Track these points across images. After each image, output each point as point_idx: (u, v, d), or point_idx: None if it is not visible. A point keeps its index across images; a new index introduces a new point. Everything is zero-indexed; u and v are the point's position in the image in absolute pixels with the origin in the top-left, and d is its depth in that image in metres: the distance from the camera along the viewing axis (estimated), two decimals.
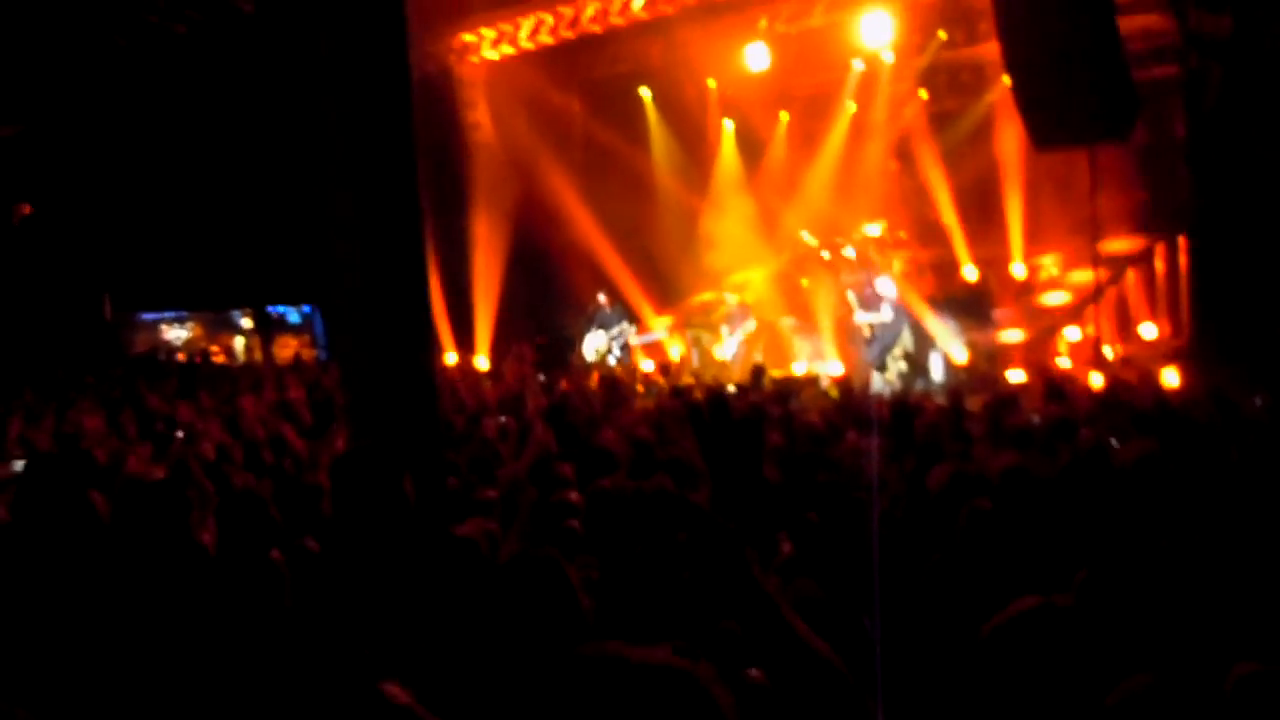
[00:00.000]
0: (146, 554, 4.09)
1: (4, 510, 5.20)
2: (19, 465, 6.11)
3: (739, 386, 10.84)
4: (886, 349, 13.01)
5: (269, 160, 14.85)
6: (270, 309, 19.97)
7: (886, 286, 13.27)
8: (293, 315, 20.32)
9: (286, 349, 19.53)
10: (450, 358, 16.35)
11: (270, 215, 15.32)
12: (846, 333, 14.56)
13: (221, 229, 16.27)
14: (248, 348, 20.57)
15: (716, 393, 8.26)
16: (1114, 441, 7.03)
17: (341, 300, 4.66)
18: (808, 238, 16.19)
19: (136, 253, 16.81)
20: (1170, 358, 11.88)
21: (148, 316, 20.42)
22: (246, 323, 20.84)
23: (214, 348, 20.04)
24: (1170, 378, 10.93)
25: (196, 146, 15.93)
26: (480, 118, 16.98)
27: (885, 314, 12.94)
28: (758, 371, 11.32)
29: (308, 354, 18.50)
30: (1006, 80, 10.62)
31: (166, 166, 16.16)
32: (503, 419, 9.16)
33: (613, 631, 4.10)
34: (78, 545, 4.26)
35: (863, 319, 13.34)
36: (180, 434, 8.77)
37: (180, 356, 19.36)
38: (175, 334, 21.11)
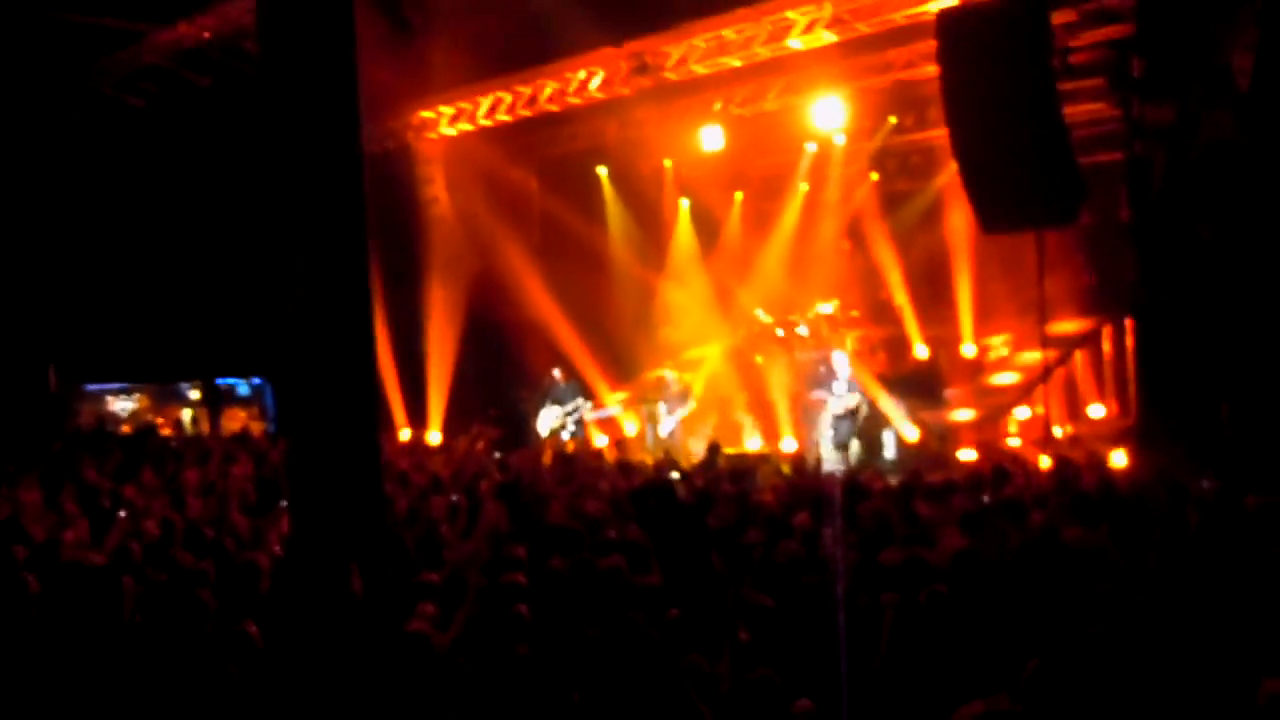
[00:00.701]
0: (77, 638, 3.94)
1: None
2: None
3: (692, 467, 10.78)
4: (851, 428, 13.00)
5: (219, 232, 14.77)
6: (219, 381, 19.68)
7: (841, 363, 13.33)
8: (242, 387, 20.04)
9: (235, 421, 19.21)
10: (403, 433, 16.18)
11: (220, 287, 15.18)
12: (801, 410, 14.60)
13: (170, 300, 16.08)
14: (195, 420, 20.22)
15: (660, 480, 8.22)
16: (1064, 524, 7.06)
17: (289, 376, 4.58)
18: (762, 315, 16.32)
19: (83, 324, 16.55)
20: (1118, 438, 12.01)
21: (93, 388, 20.04)
22: (194, 394, 20.51)
23: (160, 420, 19.67)
24: (1118, 458, 11.04)
25: (147, 218, 15.81)
26: (438, 193, 17.04)
27: (848, 392, 12.96)
28: (713, 449, 11.29)
29: (256, 427, 18.21)
30: (956, 165, 10.82)
31: (115, 237, 16.01)
32: (454, 497, 9.02)
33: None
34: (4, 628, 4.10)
35: (831, 397, 13.30)
36: (122, 512, 8.54)
37: (126, 429, 18.98)
38: (121, 405, 20.72)
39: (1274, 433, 9.50)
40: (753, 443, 14.74)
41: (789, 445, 14.10)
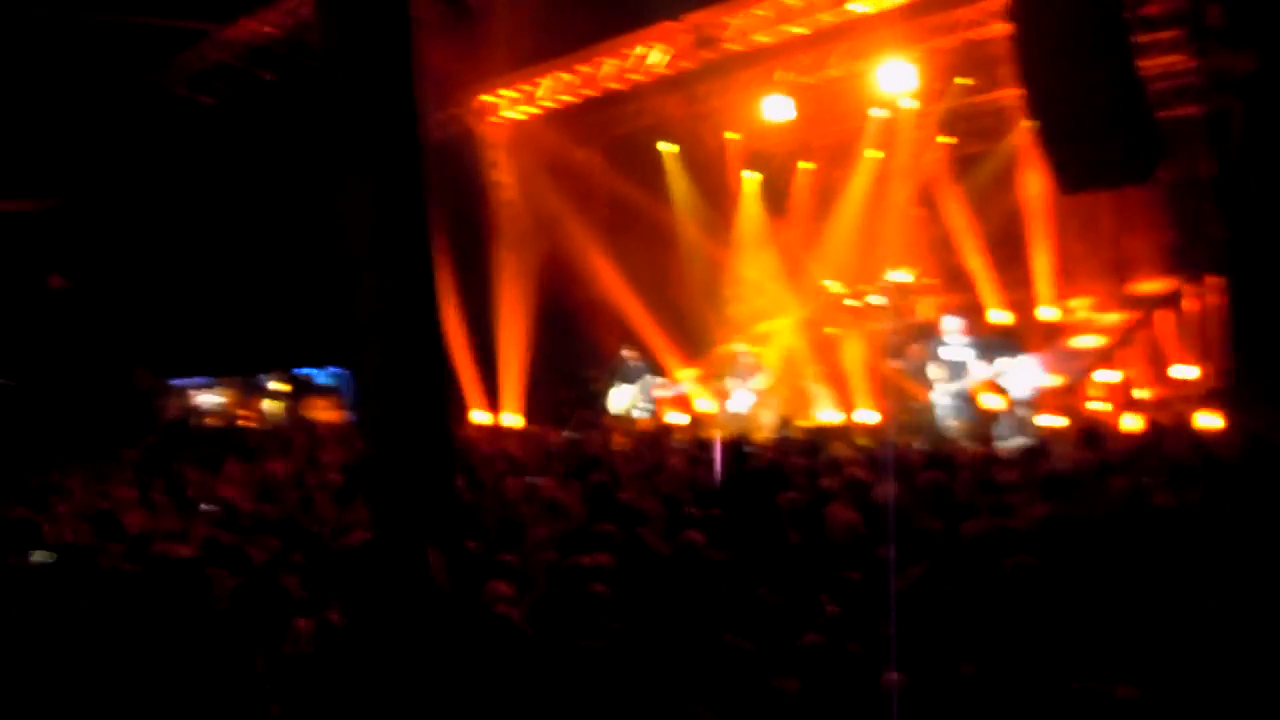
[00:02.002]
0: (168, 629, 4.05)
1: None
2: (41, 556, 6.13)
3: (765, 441, 10.72)
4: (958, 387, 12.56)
5: (293, 225, 15.02)
6: (299, 372, 20.09)
7: (952, 323, 12.92)
8: (321, 377, 20.42)
9: (316, 411, 19.60)
10: (479, 415, 16.35)
11: (297, 280, 15.45)
12: (879, 380, 14.42)
13: (250, 295, 16.43)
14: (283, 410, 20.66)
15: (734, 442, 8.18)
16: (1152, 488, 6.89)
17: (361, 366, 4.65)
18: (833, 286, 16.14)
19: (167, 321, 17.00)
20: (1203, 400, 11.67)
21: (179, 383, 20.59)
22: (276, 386, 20.95)
23: (244, 412, 20.15)
24: (1205, 420, 10.73)
25: (224, 215, 16.15)
26: (503, 177, 17.12)
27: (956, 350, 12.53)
28: (782, 423, 11.20)
29: (336, 416, 18.56)
30: (1029, 124, 10.56)
31: (195, 236, 16.38)
32: (530, 479, 9.09)
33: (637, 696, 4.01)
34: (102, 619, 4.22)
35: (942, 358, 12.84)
36: (207, 506, 8.76)
37: (211, 421, 19.49)
38: (206, 399, 21.25)
39: None
40: (827, 415, 14.61)
41: (865, 417, 13.94)
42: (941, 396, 12.33)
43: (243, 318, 16.71)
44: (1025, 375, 12.79)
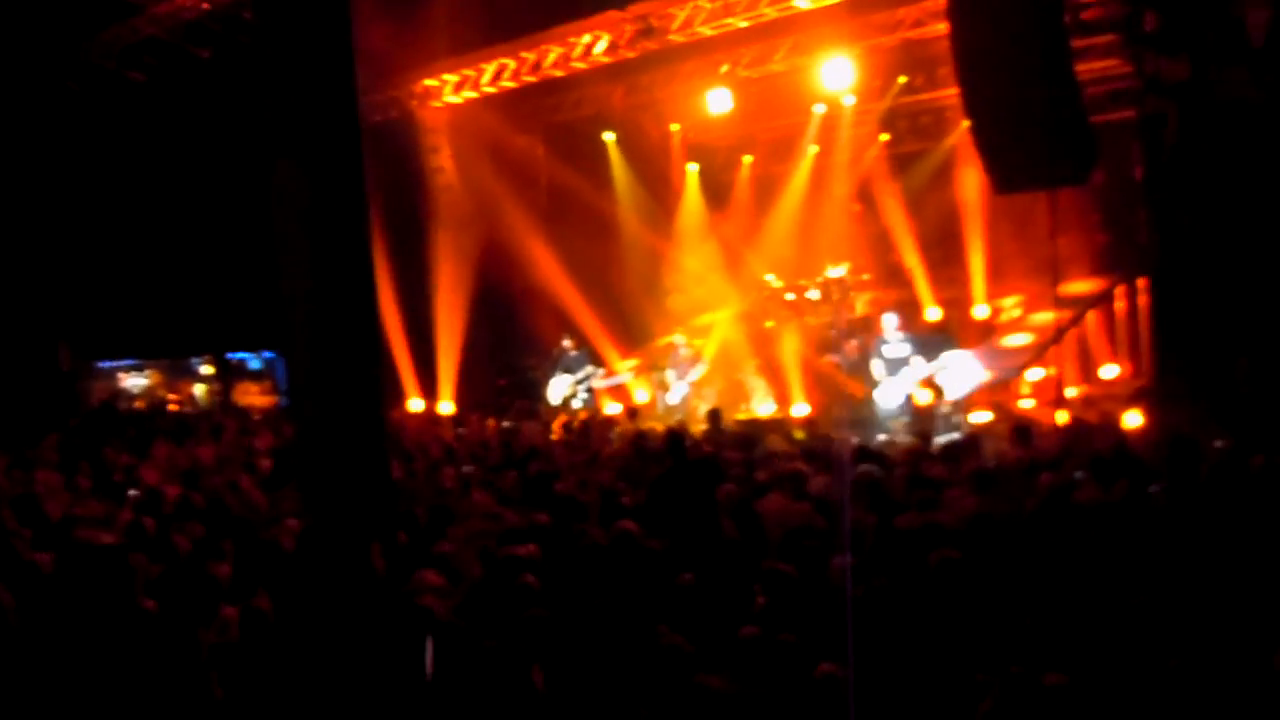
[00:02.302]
0: (89, 616, 3.95)
1: None
2: None
3: (700, 433, 10.74)
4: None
5: (226, 206, 14.72)
6: (230, 356, 19.71)
7: (891, 320, 12.95)
8: (253, 362, 20.06)
9: (247, 396, 19.25)
10: (414, 403, 16.19)
11: (229, 261, 15.15)
12: (813, 375, 14.54)
13: (180, 275, 16.07)
14: (208, 395, 20.26)
15: (675, 432, 8.19)
16: (1076, 484, 7.02)
17: (294, 350, 4.56)
18: (772, 280, 16.24)
19: (93, 301, 16.56)
20: (1132, 399, 11.94)
21: (105, 365, 20.09)
22: (206, 370, 20.54)
23: (172, 396, 19.73)
24: (1132, 419, 10.97)
25: (154, 194, 15.76)
26: (443, 162, 16.94)
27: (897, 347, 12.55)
28: (714, 415, 11.23)
29: (267, 401, 18.26)
30: (966, 124, 10.69)
31: (122, 213, 15.97)
32: (466, 468, 9.02)
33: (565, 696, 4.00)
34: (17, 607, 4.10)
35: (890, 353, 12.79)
36: (133, 491, 8.56)
37: (139, 405, 19.03)
38: (133, 382, 20.77)
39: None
40: (764, 408, 14.70)
41: (800, 410, 14.05)
42: (882, 392, 12.44)
43: (171, 299, 16.33)
44: (962, 372, 12.98)
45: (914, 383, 12.13)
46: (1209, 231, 10.29)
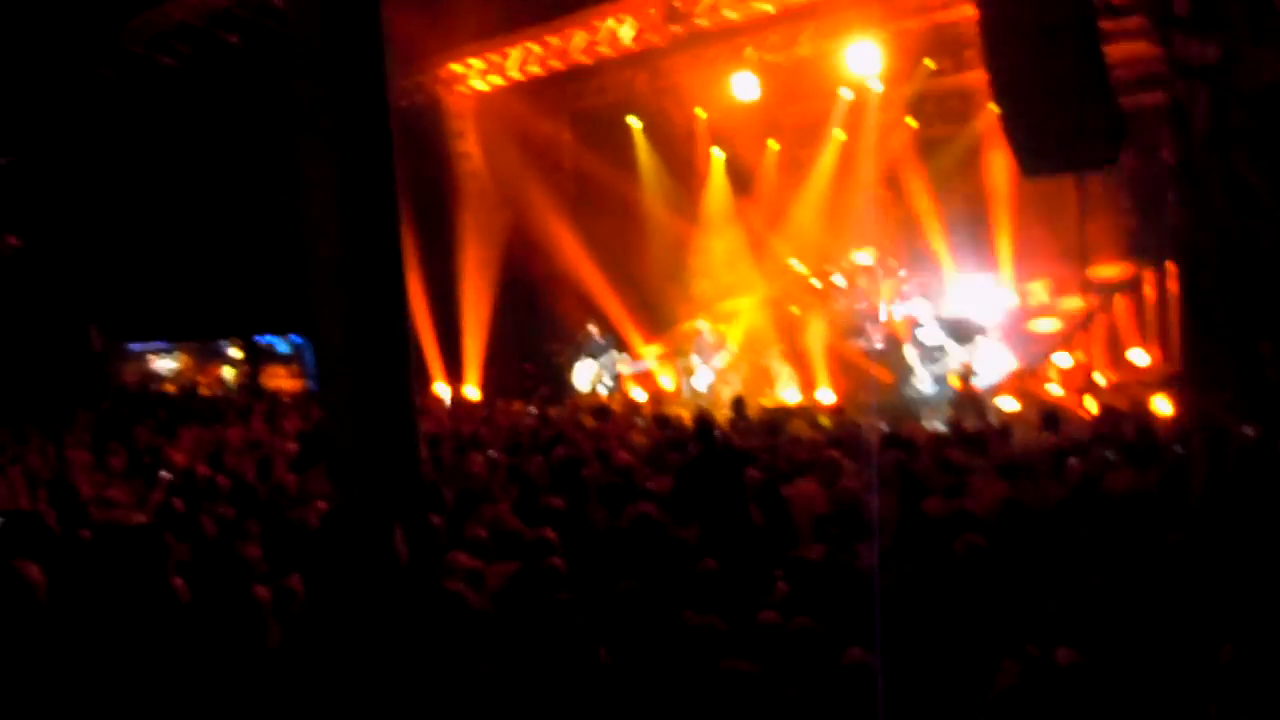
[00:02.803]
0: (122, 599, 3.99)
1: None
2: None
3: (725, 420, 10.73)
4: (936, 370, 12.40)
5: (256, 190, 14.81)
6: (259, 339, 19.87)
7: (928, 306, 12.82)
8: (281, 345, 20.22)
9: (276, 379, 19.42)
10: (440, 387, 16.28)
11: (259, 245, 15.26)
12: (839, 362, 14.51)
13: (209, 259, 16.21)
14: (237, 378, 20.45)
15: (704, 419, 8.20)
16: (1106, 471, 6.99)
17: (323, 334, 4.59)
18: (797, 266, 16.19)
19: (124, 284, 16.74)
20: (1161, 385, 11.85)
21: (135, 347, 20.30)
22: (235, 353, 20.73)
23: (201, 379, 19.93)
24: (1161, 405, 10.90)
25: (185, 178, 15.90)
26: (469, 148, 16.98)
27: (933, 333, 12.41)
28: (738, 403, 11.22)
29: (295, 384, 18.40)
30: (994, 108, 10.61)
31: (154, 198, 16.12)
32: (492, 453, 9.07)
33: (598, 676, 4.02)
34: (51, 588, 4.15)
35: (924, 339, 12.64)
36: (165, 474, 8.66)
37: (169, 387, 19.25)
38: (163, 364, 20.99)
39: None
40: (790, 394, 14.68)
41: (826, 396, 14.03)
42: (916, 378, 12.34)
43: (201, 282, 16.48)
44: (995, 359, 12.93)
45: (950, 369, 12.03)
46: (1239, 216, 10.17)
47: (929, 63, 15.21)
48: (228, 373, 20.89)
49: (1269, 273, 10.00)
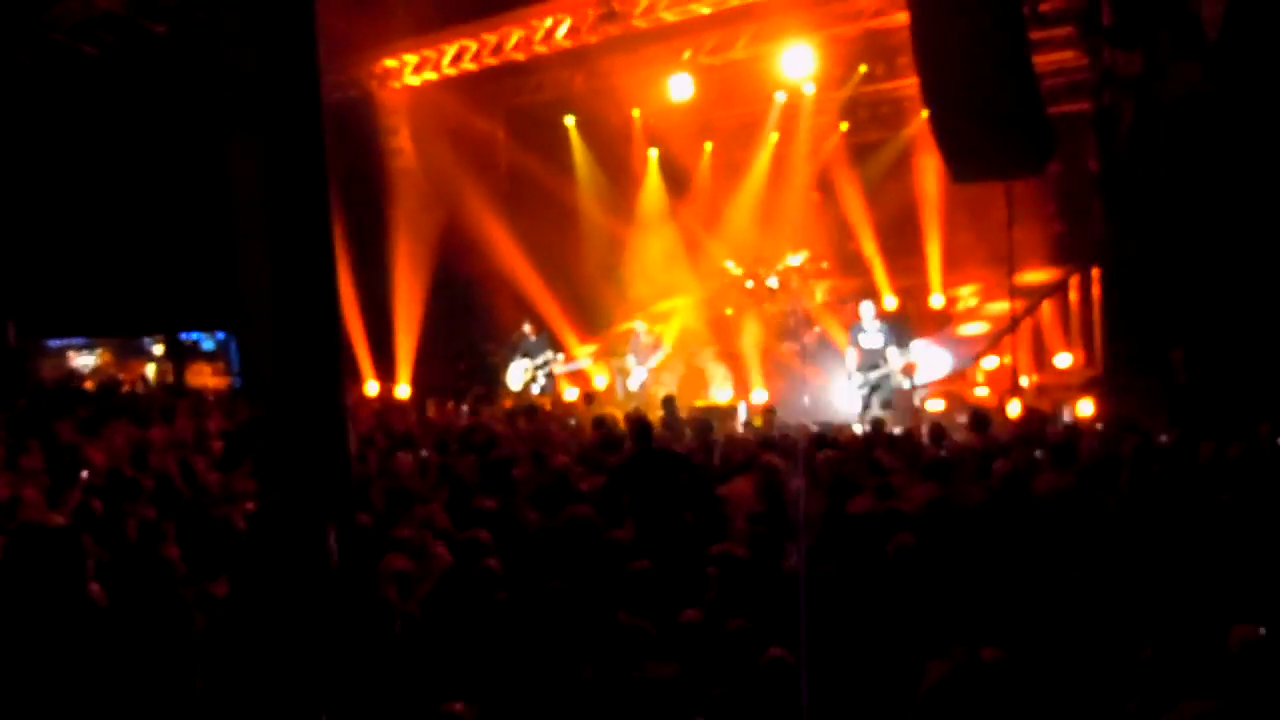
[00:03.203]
0: (37, 604, 3.87)
1: None
2: None
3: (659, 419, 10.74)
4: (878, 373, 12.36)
5: (181, 183, 14.48)
6: (184, 336, 19.44)
7: (869, 308, 12.82)
8: (206, 342, 19.80)
9: (200, 376, 19.01)
10: (371, 386, 16.07)
11: (183, 239, 14.92)
12: (772, 363, 14.61)
13: (132, 253, 15.80)
14: (159, 375, 19.98)
15: (640, 419, 8.19)
16: (1032, 471, 7.12)
17: (251, 331, 4.50)
18: (731, 267, 16.28)
19: (42, 277, 16.25)
20: (1084, 388, 12.12)
21: (54, 343, 19.74)
22: (159, 349, 20.26)
23: (124, 376, 19.43)
24: (1084, 408, 11.14)
25: (106, 170, 15.47)
26: (402, 144, 16.79)
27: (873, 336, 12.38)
28: (668, 402, 11.25)
29: (222, 382, 18.04)
30: (925, 114, 10.77)
31: (74, 189, 15.67)
32: (424, 453, 8.96)
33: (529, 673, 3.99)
34: None
35: (863, 346, 12.55)
36: (85, 473, 8.41)
37: (88, 384, 18.72)
38: (83, 361, 20.44)
39: (1229, 380, 9.60)
40: (724, 395, 14.75)
41: (759, 397, 14.13)
42: (856, 380, 12.39)
43: (123, 276, 16.05)
44: (933, 360, 13.11)
45: (891, 370, 12.12)
46: (1161, 223, 10.45)
47: (863, 68, 15.41)
48: (150, 370, 20.41)
49: (1188, 280, 10.30)
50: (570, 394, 15.43)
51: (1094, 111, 11.53)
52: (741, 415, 12.85)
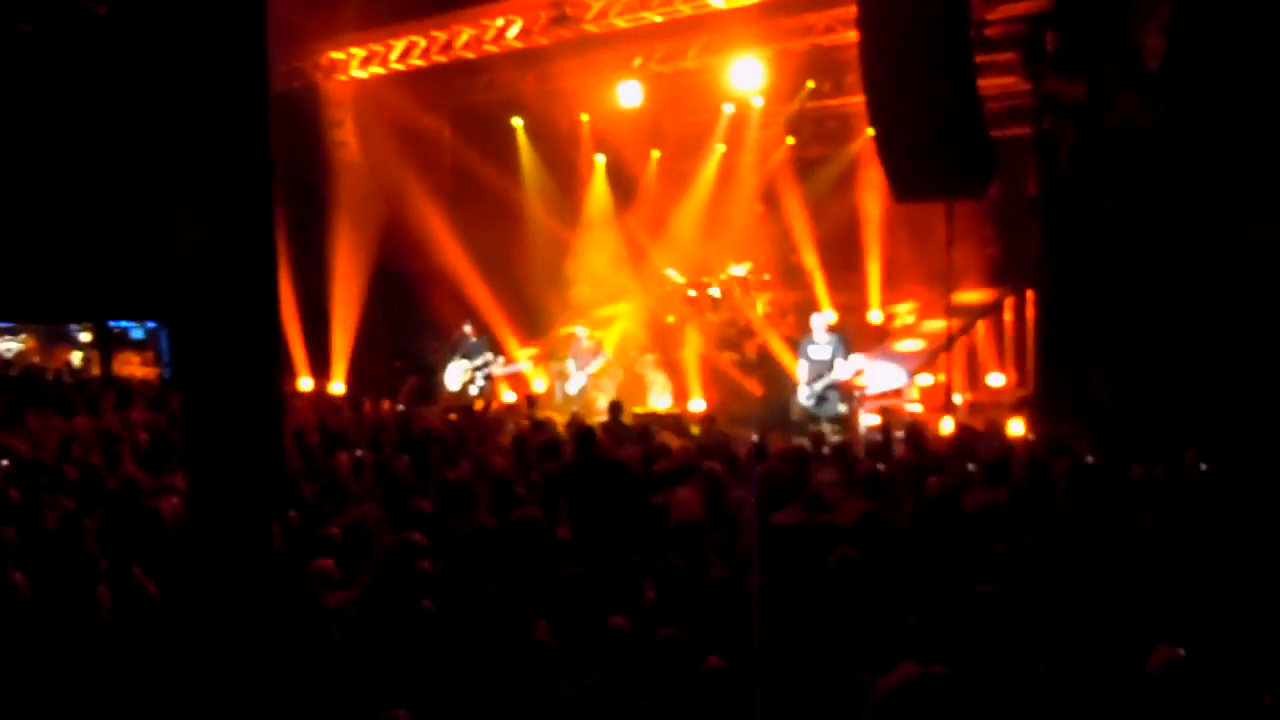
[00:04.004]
0: None
1: None
2: None
3: (598, 425, 10.71)
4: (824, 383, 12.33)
5: (115, 166, 14.13)
6: (112, 324, 18.96)
7: (820, 320, 12.84)
8: (136, 331, 19.35)
9: (128, 366, 18.57)
10: (304, 382, 15.83)
11: (115, 224, 14.56)
12: (710, 371, 14.67)
13: (60, 237, 15.36)
14: (85, 363, 19.49)
15: (584, 426, 8.15)
16: (964, 488, 7.22)
17: (183, 320, 4.37)
18: (674, 275, 16.32)
19: None
20: (1016, 407, 12.33)
21: None
22: (85, 337, 19.75)
23: (49, 363, 18.92)
24: (1015, 427, 11.33)
25: (35, 149, 15.05)
26: (346, 137, 16.57)
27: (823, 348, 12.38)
28: (614, 408, 11.22)
29: (150, 372, 17.64)
30: (870, 132, 10.89)
31: (2, 169, 15.22)
32: (359, 452, 8.84)
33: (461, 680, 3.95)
34: None
35: (811, 351, 12.53)
36: (4, 462, 8.17)
37: (10, 371, 18.19)
38: (5, 346, 19.87)
39: (1153, 405, 9.82)
40: (662, 402, 14.77)
41: (698, 405, 14.17)
42: (800, 392, 12.44)
43: (51, 261, 15.61)
44: (882, 374, 13.23)
45: (835, 381, 12.18)
46: (1096, 250, 10.67)
47: (810, 84, 15.55)
48: (76, 357, 19.89)
49: (1119, 306, 10.54)
50: (508, 396, 15.34)
51: (1035, 136, 11.76)
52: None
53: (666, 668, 4.28)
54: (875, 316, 15.92)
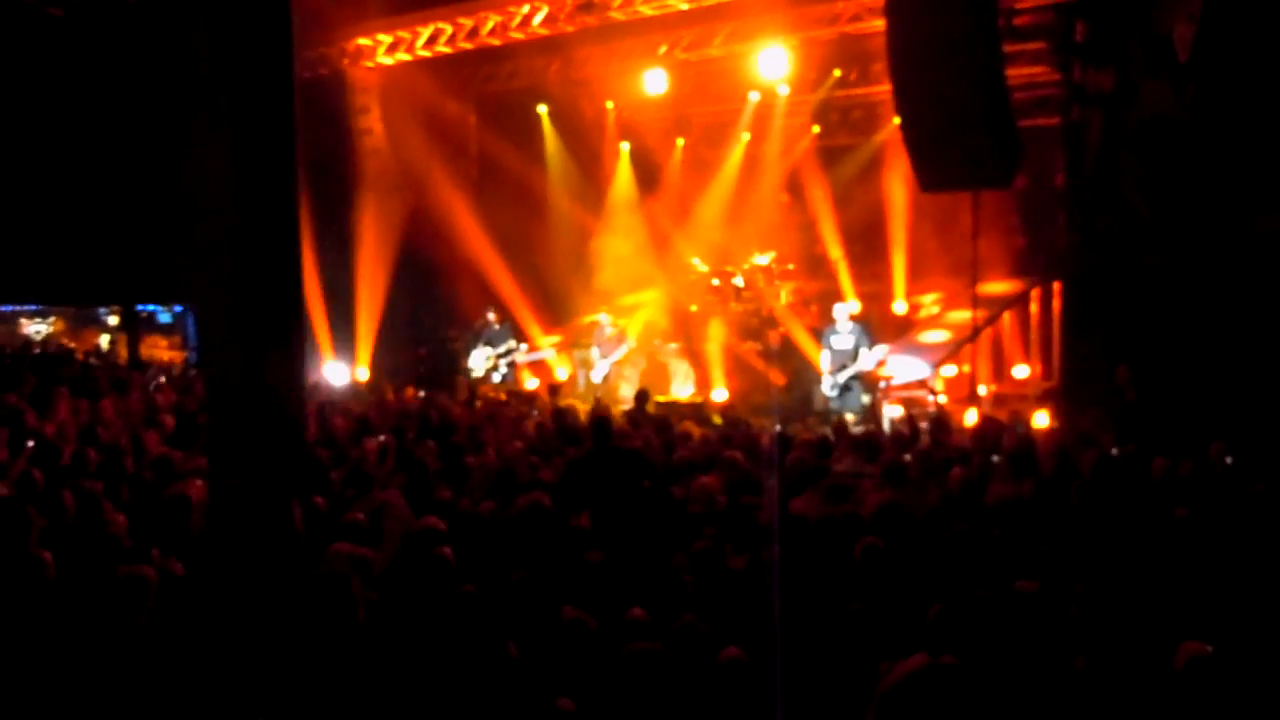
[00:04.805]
0: None
1: None
2: None
3: (622, 414, 10.72)
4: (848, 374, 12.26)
5: (145, 151, 14.22)
6: (139, 307, 19.11)
7: (843, 310, 12.76)
8: (163, 315, 19.50)
9: (155, 349, 18.73)
10: (331, 368, 15.90)
11: (144, 208, 14.66)
12: (734, 360, 14.64)
13: (90, 220, 15.49)
14: (113, 346, 19.66)
15: (601, 416, 8.16)
16: (987, 479, 7.18)
17: (211, 306, 4.41)
18: (698, 264, 16.29)
19: None
20: (1040, 399, 12.25)
21: (5, 309, 19.37)
22: (113, 320, 19.93)
23: (77, 345, 19.10)
24: (1040, 419, 11.26)
25: (67, 133, 15.17)
26: (372, 124, 16.60)
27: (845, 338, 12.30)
28: (641, 397, 11.21)
29: (177, 356, 17.78)
30: (896, 121, 10.83)
31: (32, 151, 15.35)
32: (382, 438, 8.87)
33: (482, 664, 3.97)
34: None
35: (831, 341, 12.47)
36: (30, 443, 8.25)
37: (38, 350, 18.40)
38: (35, 328, 20.08)
39: (1179, 398, 9.73)
40: (685, 391, 14.76)
41: (720, 395, 14.15)
42: (824, 382, 12.39)
43: (81, 244, 15.74)
44: (906, 365, 13.17)
45: (860, 370, 12.12)
46: (1123, 241, 10.58)
47: (836, 72, 15.47)
48: (104, 340, 20.08)
49: (1146, 299, 10.45)
50: (531, 384, 15.37)
51: (1062, 127, 11.66)
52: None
53: (689, 656, 4.29)
54: (900, 307, 15.85)
